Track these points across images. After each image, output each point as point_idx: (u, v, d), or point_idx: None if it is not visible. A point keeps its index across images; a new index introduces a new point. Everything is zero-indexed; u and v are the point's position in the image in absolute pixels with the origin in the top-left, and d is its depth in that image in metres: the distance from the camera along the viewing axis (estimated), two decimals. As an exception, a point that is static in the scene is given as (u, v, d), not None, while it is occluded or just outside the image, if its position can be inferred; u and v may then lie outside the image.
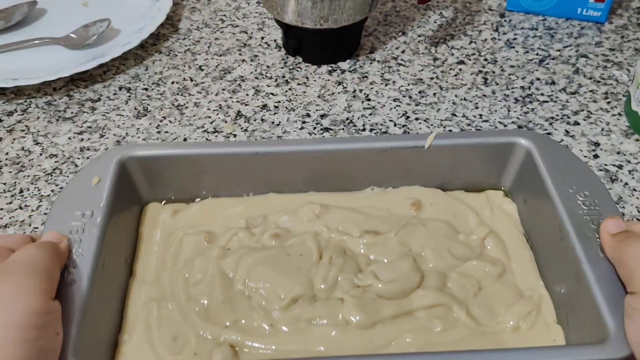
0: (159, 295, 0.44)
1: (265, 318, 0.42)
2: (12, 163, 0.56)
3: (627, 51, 0.69)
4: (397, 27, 0.73)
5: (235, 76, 0.66)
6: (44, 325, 0.34)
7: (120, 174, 0.46)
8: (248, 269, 0.44)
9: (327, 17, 0.61)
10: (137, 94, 0.64)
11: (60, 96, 0.64)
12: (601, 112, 0.61)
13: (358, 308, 0.42)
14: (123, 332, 0.42)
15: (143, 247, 0.47)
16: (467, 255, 0.46)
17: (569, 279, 0.41)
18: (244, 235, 0.47)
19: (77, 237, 0.41)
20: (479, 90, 0.64)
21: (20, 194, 0.53)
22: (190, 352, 0.41)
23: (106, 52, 0.65)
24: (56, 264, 0.38)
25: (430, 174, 0.50)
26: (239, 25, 0.74)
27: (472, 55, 0.69)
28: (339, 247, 0.46)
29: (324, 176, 0.50)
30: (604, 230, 0.40)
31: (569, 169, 0.45)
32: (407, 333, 0.41)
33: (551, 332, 0.42)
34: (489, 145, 0.48)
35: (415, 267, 0.45)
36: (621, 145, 0.57)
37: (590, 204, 0.43)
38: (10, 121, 0.61)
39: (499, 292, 0.44)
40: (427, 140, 0.48)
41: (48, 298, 0.35)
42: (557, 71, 0.66)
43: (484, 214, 0.49)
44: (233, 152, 0.48)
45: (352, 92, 0.64)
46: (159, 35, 0.72)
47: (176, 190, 0.50)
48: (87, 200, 0.43)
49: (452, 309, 0.42)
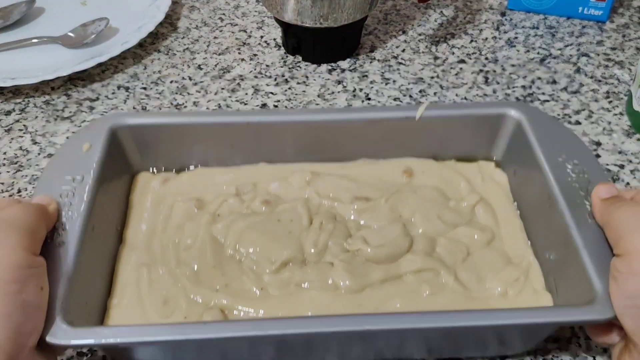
0: (149, 260, 0.44)
1: (256, 281, 0.43)
2: (10, 162, 0.56)
3: (628, 50, 0.68)
4: (398, 26, 0.73)
5: (234, 75, 0.66)
6: (27, 279, 0.34)
7: (112, 142, 0.46)
8: (239, 233, 0.45)
9: (327, 15, 0.61)
10: (136, 93, 0.63)
11: (58, 95, 0.63)
12: (602, 112, 0.61)
13: (347, 272, 0.42)
14: (113, 297, 0.42)
15: (133, 214, 0.48)
16: (457, 222, 0.46)
17: (557, 245, 0.41)
18: (234, 202, 0.48)
19: (67, 200, 0.41)
20: (480, 90, 0.63)
21: (19, 194, 0.53)
22: (180, 315, 0.41)
23: (105, 51, 0.65)
24: (41, 223, 0.38)
25: (421, 145, 0.50)
26: (238, 24, 0.74)
27: (472, 54, 0.68)
28: (329, 212, 0.47)
29: (316, 147, 0.50)
30: (595, 195, 0.40)
31: (558, 139, 0.46)
32: (396, 297, 0.42)
33: (539, 299, 0.42)
34: (480, 117, 0.49)
35: (405, 232, 0.45)
36: (623, 145, 0.57)
37: (579, 172, 0.43)
38: (8, 120, 0.60)
39: (487, 258, 0.44)
40: (418, 111, 0.48)
41: (29, 253, 0.35)
42: (558, 70, 0.66)
43: (475, 182, 0.50)
44: (224, 121, 0.49)
45: (352, 91, 0.63)
46: (158, 34, 0.72)
47: (167, 159, 0.50)
48: (77, 165, 0.44)
49: (440, 274, 0.43)
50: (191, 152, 0.50)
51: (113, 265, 0.44)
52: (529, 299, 0.42)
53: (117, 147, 0.47)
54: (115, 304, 0.42)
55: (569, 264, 0.40)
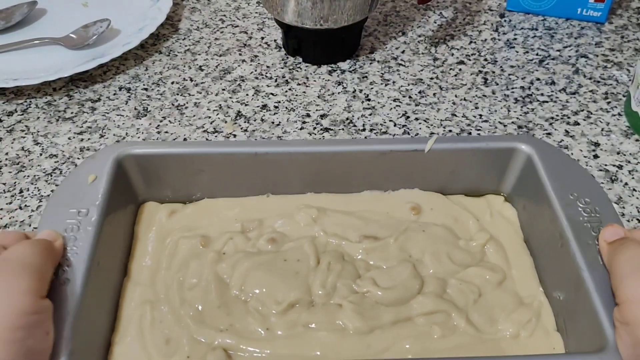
0: (152, 297, 0.44)
1: (262, 322, 0.42)
2: (12, 163, 0.56)
3: (627, 51, 0.69)
4: (397, 27, 0.73)
5: (235, 76, 0.66)
6: (33, 325, 0.33)
7: (117, 172, 0.46)
8: (244, 273, 0.44)
9: (327, 17, 0.61)
10: (137, 94, 0.64)
11: (60, 96, 0.64)
12: (601, 112, 0.61)
13: (356, 314, 0.42)
14: (116, 333, 0.42)
15: (138, 246, 0.47)
16: (468, 262, 0.46)
17: (568, 286, 0.41)
18: (239, 240, 0.47)
19: (72, 235, 0.41)
20: (479, 91, 0.64)
21: (20, 194, 0.53)
22: (183, 355, 0.40)
23: (106, 52, 0.65)
24: (49, 263, 0.37)
25: (429, 178, 0.50)
26: (239, 26, 0.74)
27: (472, 55, 0.69)
28: (337, 252, 0.46)
29: (322, 178, 0.49)
30: (601, 239, 0.39)
31: (570, 175, 0.45)
32: (406, 339, 0.41)
33: (550, 340, 0.41)
34: (489, 151, 0.48)
35: (415, 273, 0.44)
36: (621, 146, 0.57)
37: (591, 210, 0.42)
38: (10, 121, 0.61)
39: (498, 299, 0.44)
40: (427, 144, 0.48)
41: (38, 297, 0.34)
42: (557, 71, 0.66)
43: (484, 219, 0.49)
44: (230, 152, 0.48)
45: (352, 92, 0.64)
46: (159, 36, 0.72)
47: (173, 189, 0.50)
48: (82, 198, 0.43)
49: (451, 316, 0.42)
50: (197, 182, 0.49)
51: (117, 299, 0.44)
52: (540, 340, 0.41)
53: (122, 177, 0.47)
54: (117, 340, 0.41)
55: (580, 307, 0.39)
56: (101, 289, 0.41)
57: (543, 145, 0.47)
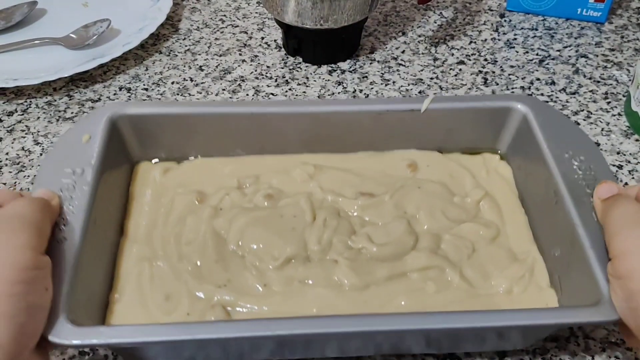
0: (150, 254, 0.44)
1: (259, 278, 0.42)
2: (12, 163, 0.56)
3: (627, 51, 0.69)
4: (397, 27, 0.73)
5: (235, 76, 0.66)
6: (33, 280, 0.34)
7: (111, 132, 0.46)
8: (241, 229, 0.44)
9: (327, 17, 0.61)
10: (137, 94, 0.64)
11: (60, 96, 0.64)
12: (601, 112, 0.61)
13: (352, 270, 0.42)
14: (114, 291, 0.42)
15: (134, 205, 0.47)
16: (462, 218, 0.46)
17: (563, 243, 0.41)
18: (235, 195, 0.47)
19: (68, 194, 0.41)
20: (479, 91, 0.64)
21: (21, 194, 0.53)
22: (183, 311, 0.41)
23: (106, 52, 0.65)
24: (47, 220, 0.37)
25: (426, 138, 0.50)
26: (239, 26, 0.74)
27: (472, 55, 0.69)
28: (333, 208, 0.46)
29: (319, 138, 0.49)
30: (595, 196, 0.39)
31: (565, 134, 0.45)
32: (401, 295, 0.42)
33: (544, 296, 0.42)
34: (486, 109, 0.48)
35: (410, 229, 0.45)
36: (621, 146, 0.57)
37: (586, 168, 0.42)
38: (10, 121, 0.61)
39: (492, 254, 0.44)
40: (424, 103, 0.48)
41: (37, 253, 0.35)
42: (557, 71, 0.66)
43: (480, 176, 0.49)
44: (226, 112, 0.48)
45: (352, 92, 0.64)
46: (159, 36, 0.72)
47: (167, 149, 0.49)
48: (77, 157, 0.43)
49: (445, 271, 0.43)
50: (192, 142, 0.49)
51: (114, 258, 0.44)
52: (533, 296, 0.42)
53: (116, 137, 0.46)
54: (117, 298, 0.42)
55: (575, 263, 0.39)
56: (98, 247, 0.41)
57: (539, 104, 0.48)
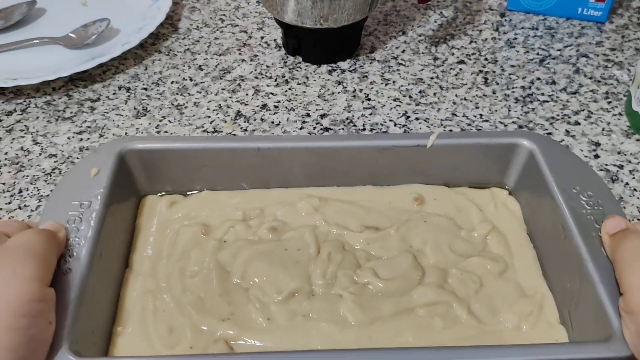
0: (154, 286, 0.44)
1: (262, 311, 0.42)
2: (11, 163, 0.56)
3: (627, 51, 0.69)
4: (397, 27, 0.73)
5: (234, 76, 0.66)
6: (37, 314, 0.33)
7: (119, 166, 0.46)
8: (245, 262, 0.44)
9: (327, 16, 0.61)
10: (137, 94, 0.64)
11: (59, 96, 0.63)
12: (602, 112, 0.61)
13: (357, 305, 0.42)
14: (118, 324, 0.42)
15: (140, 238, 0.47)
16: (469, 252, 0.46)
17: (572, 278, 0.41)
18: (240, 228, 0.47)
19: (74, 226, 0.41)
20: (480, 90, 0.64)
21: (20, 194, 0.53)
22: (186, 345, 0.40)
23: (105, 51, 0.65)
24: (53, 251, 0.37)
25: (432, 173, 0.50)
26: (239, 25, 0.74)
27: (472, 54, 0.68)
28: (337, 241, 0.46)
29: (324, 173, 0.49)
30: (603, 231, 0.39)
31: (572, 169, 0.45)
32: (407, 331, 0.41)
33: (554, 332, 0.41)
34: (491, 146, 0.48)
35: (416, 263, 0.44)
36: (622, 145, 0.57)
37: (594, 204, 0.42)
38: (9, 121, 0.61)
39: (500, 289, 0.43)
40: (429, 140, 0.48)
41: (43, 285, 0.34)
42: (557, 71, 0.66)
43: (488, 210, 0.49)
44: (232, 147, 0.48)
45: (352, 91, 0.64)
46: (159, 35, 0.72)
47: (173, 182, 0.50)
48: (85, 190, 0.43)
49: (452, 306, 0.42)
50: (198, 176, 0.49)
51: (118, 290, 0.44)
52: (543, 332, 0.41)
53: (125, 171, 0.47)
54: (120, 331, 0.41)
55: (585, 299, 0.39)
56: (103, 279, 0.41)
57: (544, 140, 0.48)
